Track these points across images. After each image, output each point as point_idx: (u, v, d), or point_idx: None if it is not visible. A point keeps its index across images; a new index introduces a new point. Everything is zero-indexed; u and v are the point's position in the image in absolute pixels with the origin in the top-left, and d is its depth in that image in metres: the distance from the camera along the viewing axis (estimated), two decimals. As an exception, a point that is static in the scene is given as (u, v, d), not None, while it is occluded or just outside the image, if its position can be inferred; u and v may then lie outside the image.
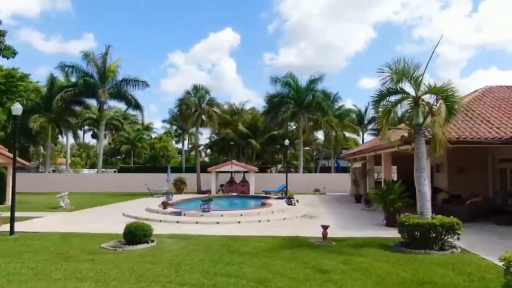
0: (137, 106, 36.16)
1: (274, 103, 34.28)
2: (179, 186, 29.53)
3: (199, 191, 29.55)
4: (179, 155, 76.81)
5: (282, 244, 9.72)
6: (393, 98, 9.65)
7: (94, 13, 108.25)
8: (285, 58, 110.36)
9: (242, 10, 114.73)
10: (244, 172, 29.20)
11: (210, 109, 29.22)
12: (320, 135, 45.13)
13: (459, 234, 8.82)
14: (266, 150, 45.95)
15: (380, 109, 9.48)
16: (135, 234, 9.45)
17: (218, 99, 43.75)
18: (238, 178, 29.67)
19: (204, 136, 61.92)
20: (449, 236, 8.86)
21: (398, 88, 9.53)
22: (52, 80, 35.05)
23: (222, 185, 29.52)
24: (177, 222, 13.55)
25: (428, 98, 9.72)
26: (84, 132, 65.17)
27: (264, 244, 9.75)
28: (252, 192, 27.94)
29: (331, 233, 10.35)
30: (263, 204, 17.93)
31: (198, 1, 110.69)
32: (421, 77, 9.36)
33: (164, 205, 15.83)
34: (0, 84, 36.22)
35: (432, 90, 9.17)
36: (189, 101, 28.54)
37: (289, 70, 66.12)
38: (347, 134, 51.14)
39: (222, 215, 14.38)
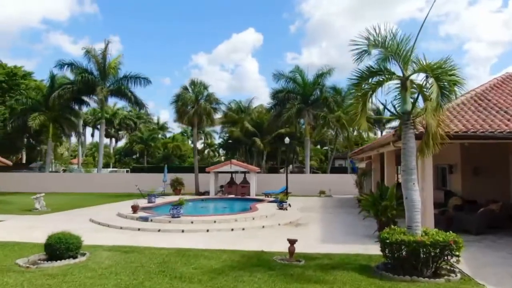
0: (137, 103, 34.87)
1: (279, 98, 32.24)
2: (176, 187, 27.96)
3: (197, 193, 27.90)
4: (199, 155, 75.60)
5: (234, 263, 7.84)
6: (375, 80, 7.59)
7: (119, 16, 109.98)
8: (308, 57, 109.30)
9: (264, 11, 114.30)
10: (245, 172, 27.37)
11: (208, 106, 27.46)
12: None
13: (458, 256, 6.71)
14: (277, 149, 44.03)
15: (358, 94, 7.41)
16: (55, 248, 7.79)
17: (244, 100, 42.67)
18: (240, 179, 27.91)
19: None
20: (445, 258, 6.76)
21: (381, 67, 7.47)
22: (52, 78, 34.19)
23: (222, 186, 27.77)
24: (139, 229, 11.87)
25: (422, 80, 7.60)
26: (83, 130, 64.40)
27: (214, 262, 7.90)
28: (253, 193, 26.09)
29: (309, 247, 8.61)
30: (249, 209, 16.06)
31: (221, 3, 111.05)
32: (410, 53, 7.27)
33: (134, 209, 14.17)
34: (2, 82, 35.76)
35: (422, 68, 7.07)
36: (185, 97, 26.91)
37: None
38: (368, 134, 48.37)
39: (192, 222, 12.60)
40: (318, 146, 68.81)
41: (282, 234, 11.23)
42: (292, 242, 8.15)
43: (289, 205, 17.31)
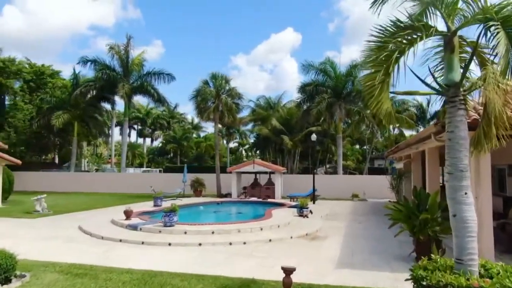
0: (159, 100, 33.57)
1: (308, 92, 29.60)
2: (197, 188, 26.21)
3: (219, 194, 25.96)
4: (231, 155, 74.30)
5: (204, 300, 5.67)
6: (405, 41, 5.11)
7: (161, 20, 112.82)
8: (348, 55, 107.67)
9: (302, 10, 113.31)
10: (270, 173, 25.11)
11: (229, 101, 25.43)
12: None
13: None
14: (310, 148, 41.27)
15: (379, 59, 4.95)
16: (-25, 271, 5.97)
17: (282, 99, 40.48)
18: (265, 180, 25.71)
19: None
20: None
21: (414, 22, 5.00)
22: (75, 76, 33.66)
23: (245, 188, 25.67)
24: (120, 240, 9.99)
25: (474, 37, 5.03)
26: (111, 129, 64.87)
27: (179, 297, 5.78)
28: (278, 196, 23.81)
29: (317, 274, 6.66)
30: (263, 216, 13.81)
31: (259, 3, 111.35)
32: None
33: (127, 215, 12.36)
34: (30, 81, 35.79)
35: (478, 14, 4.54)
36: (205, 91, 25.05)
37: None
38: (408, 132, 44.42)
39: (185, 232, 10.55)
40: (357, 146, 65.25)
41: (290, 252, 8.93)
42: (288, 271, 5.83)
43: (311, 211, 14.87)
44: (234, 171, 24.98)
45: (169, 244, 9.48)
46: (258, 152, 51.25)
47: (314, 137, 21.16)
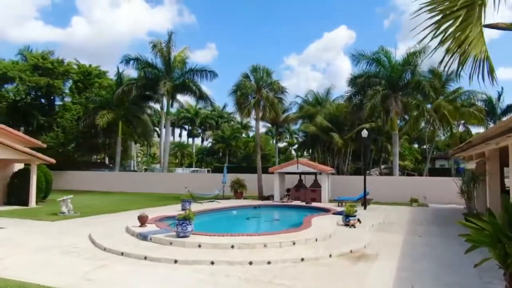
0: (202, 97, 32.38)
1: (359, 85, 26.71)
2: (237, 190, 24.51)
3: (260, 197, 24.02)
4: (281, 155, 72.33)
5: None
6: None
7: (214, 24, 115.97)
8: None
9: (356, 7, 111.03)
10: (316, 173, 22.76)
11: (271, 95, 23.41)
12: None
13: None
14: (362, 147, 37.98)
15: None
16: None
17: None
18: (310, 181, 23.42)
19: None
20: None
21: None
22: (119, 75, 33.49)
23: (288, 190, 23.54)
24: (122, 253, 8.38)
25: None
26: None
27: None
28: (324, 199, 21.51)
29: None
30: (300, 225, 11.63)
31: (311, 2, 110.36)
32: None
33: (141, 221, 10.79)
34: (78, 82, 36.33)
35: None
36: (245, 85, 23.25)
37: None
38: (475, 129, 39.48)
39: (199, 245, 8.69)
40: (416, 145, 60.35)
41: (325, 281, 6.70)
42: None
43: (359, 220, 12.40)
44: (277, 172, 22.95)
45: (175, 262, 7.67)
46: (306, 151, 48.59)
47: (365, 133, 18.48)
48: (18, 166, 21.07)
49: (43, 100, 35.05)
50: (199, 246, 8.69)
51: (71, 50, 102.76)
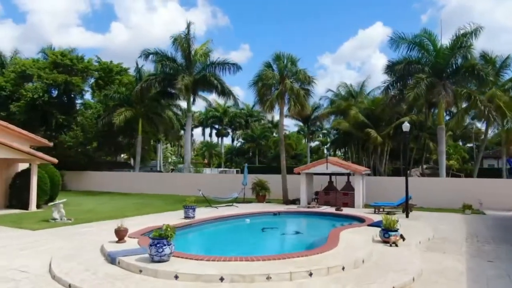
0: (223, 92, 30.05)
1: (397, 73, 23.32)
2: (259, 193, 21.92)
3: (285, 200, 21.32)
4: (313, 155, 69.18)
5: None
6: None
7: (248, 25, 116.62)
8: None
9: (392, 3, 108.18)
10: (348, 174, 19.84)
11: (296, 86, 20.66)
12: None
13: None
14: (400, 145, 34.40)
15: None
16: None
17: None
18: (342, 183, 20.53)
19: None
20: None
21: None
22: (138, 70, 31.85)
23: (317, 193, 20.74)
24: (69, 286, 6.06)
25: None
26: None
27: None
28: (359, 204, 18.62)
29: None
30: (324, 242, 8.91)
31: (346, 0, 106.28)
32: None
33: (118, 236, 8.46)
34: (99, 79, 35.13)
35: None
36: (267, 75, 20.66)
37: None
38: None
39: (176, 277, 6.21)
40: (460, 143, 55.42)
41: None
42: None
43: (402, 236, 9.45)
44: (303, 172, 20.16)
45: (132, 305, 5.24)
46: (338, 150, 45.25)
47: (406, 126, 15.40)
48: (23, 166, 19.57)
49: (63, 99, 34.02)
50: (176, 277, 6.20)
51: (111, 55, 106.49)
